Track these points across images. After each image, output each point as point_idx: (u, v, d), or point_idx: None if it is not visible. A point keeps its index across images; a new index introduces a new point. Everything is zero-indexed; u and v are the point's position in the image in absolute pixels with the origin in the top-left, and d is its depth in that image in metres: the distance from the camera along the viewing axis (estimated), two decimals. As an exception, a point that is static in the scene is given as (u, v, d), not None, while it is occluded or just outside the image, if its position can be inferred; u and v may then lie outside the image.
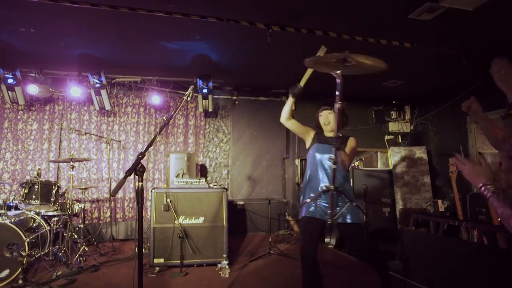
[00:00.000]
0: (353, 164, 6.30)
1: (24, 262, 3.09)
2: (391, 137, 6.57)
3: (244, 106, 5.97)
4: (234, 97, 5.79)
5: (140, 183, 1.54)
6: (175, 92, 5.46)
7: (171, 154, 4.25)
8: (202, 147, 5.66)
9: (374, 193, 5.34)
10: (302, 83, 2.53)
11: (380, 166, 6.23)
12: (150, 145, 1.63)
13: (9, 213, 3.50)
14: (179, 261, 3.52)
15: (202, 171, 5.59)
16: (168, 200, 3.57)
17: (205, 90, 5.05)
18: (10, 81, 4.44)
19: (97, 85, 4.73)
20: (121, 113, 5.37)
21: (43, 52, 4.25)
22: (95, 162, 5.17)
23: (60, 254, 3.68)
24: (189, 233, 3.63)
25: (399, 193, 5.52)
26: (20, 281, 3.05)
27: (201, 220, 3.69)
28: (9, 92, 4.58)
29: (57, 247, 3.81)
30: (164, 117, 5.35)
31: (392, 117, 6.57)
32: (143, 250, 4.13)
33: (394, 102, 6.60)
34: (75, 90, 4.81)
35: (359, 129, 6.34)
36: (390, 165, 5.85)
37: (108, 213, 5.13)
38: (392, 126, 6.55)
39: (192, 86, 2.11)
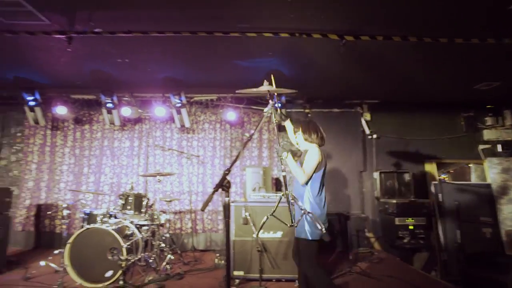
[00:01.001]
0: (440, 177, 5.71)
1: (123, 265, 3.43)
2: (487, 146, 5.78)
3: (317, 119, 5.85)
4: (307, 110, 5.74)
5: (227, 198, 1.60)
6: (248, 108, 5.65)
7: (247, 168, 4.36)
8: (277, 161, 5.70)
9: (469, 210, 4.73)
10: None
11: (474, 179, 5.51)
12: (235, 161, 1.69)
13: (110, 220, 3.95)
14: (258, 275, 3.54)
15: (277, 184, 5.61)
16: (247, 214, 3.65)
17: (277, 105, 5.10)
18: (109, 105, 5.11)
19: (178, 105, 5.14)
20: (199, 129, 5.73)
21: (133, 78, 4.80)
22: (177, 176, 5.58)
23: (151, 260, 4.01)
24: (268, 247, 3.64)
25: (504, 211, 4.78)
26: (121, 282, 3.39)
27: (279, 234, 3.68)
28: (108, 115, 5.26)
29: (147, 253, 4.16)
30: (246, 134, 5.54)
31: (487, 124, 5.79)
32: (222, 262, 4.30)
33: (489, 107, 5.83)
34: (159, 110, 5.30)
35: (445, 139, 5.73)
36: (488, 179, 5.14)
37: (189, 224, 5.45)
38: (488, 134, 5.75)
39: (272, 102, 2.14)
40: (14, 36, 3.38)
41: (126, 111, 5.25)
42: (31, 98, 5.07)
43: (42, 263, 4.14)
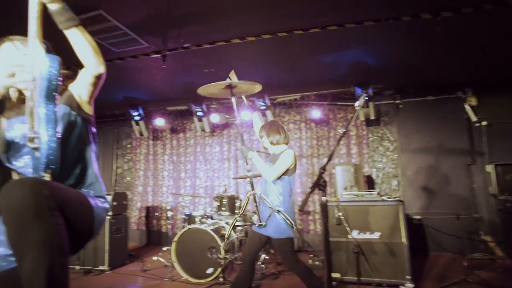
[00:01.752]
0: None
1: (222, 263, 3.63)
2: None
3: (410, 109, 5.34)
4: (397, 101, 5.28)
5: (324, 198, 1.53)
6: (333, 104, 5.45)
7: (337, 166, 4.20)
8: (367, 157, 5.37)
9: None
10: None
11: None
12: (330, 159, 1.62)
13: (207, 221, 4.23)
14: (355, 278, 3.35)
15: (369, 182, 5.28)
16: (340, 214, 3.51)
17: (365, 98, 4.82)
18: (199, 113, 5.51)
19: (263, 107, 5.25)
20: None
21: (220, 86, 5.07)
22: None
23: (245, 259, 4.15)
24: (364, 249, 3.43)
25: None
26: (221, 279, 3.62)
27: (376, 235, 3.43)
28: (199, 122, 5.67)
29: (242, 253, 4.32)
30: (340, 130, 5.38)
31: None
32: (317, 263, 4.21)
33: None
34: (245, 114, 5.49)
35: None
36: None
37: (280, 224, 5.49)
38: None
39: (364, 95, 2.00)
40: (122, 62, 3.89)
41: (215, 118, 5.59)
42: (136, 113, 5.80)
43: (155, 258, 4.68)
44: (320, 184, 1.53)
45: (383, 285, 3.38)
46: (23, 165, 1.30)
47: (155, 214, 6.19)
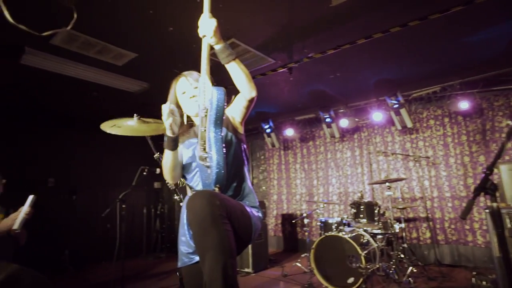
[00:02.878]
0: None
1: (364, 273, 3.46)
2: None
3: None
4: None
5: (495, 204, 1.28)
6: (486, 91, 4.55)
7: (501, 165, 3.45)
8: (544, 152, 4.24)
9: None
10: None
11: None
12: (498, 157, 1.34)
13: (345, 229, 4.12)
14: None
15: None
16: (512, 223, 2.86)
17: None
18: (327, 120, 5.48)
19: (396, 106, 4.82)
20: (423, 128, 5.12)
21: (346, 90, 4.94)
22: (405, 181, 5.17)
23: (390, 271, 3.83)
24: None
25: None
26: (363, 290, 3.43)
27: None
28: (327, 129, 5.64)
29: (385, 264, 4.01)
30: (508, 122, 4.48)
31: None
32: (484, 282, 3.52)
33: None
34: (377, 115, 5.16)
35: None
36: None
37: (428, 234, 4.87)
38: None
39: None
40: (253, 80, 4.26)
41: (344, 123, 5.45)
42: (267, 126, 6.21)
43: (295, 264, 4.84)
44: (487, 188, 1.28)
45: None
46: (193, 180, 1.57)
47: (293, 221, 6.41)
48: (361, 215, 4.12)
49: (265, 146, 7.02)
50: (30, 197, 2.44)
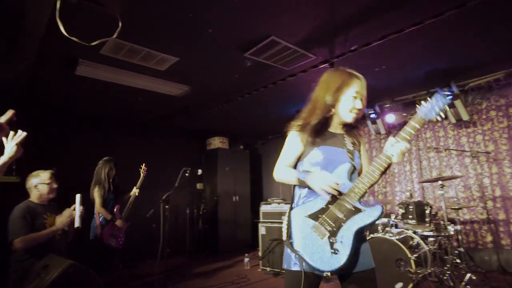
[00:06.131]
0: None
1: (414, 278, 3.24)
2: None
3: None
4: None
5: None
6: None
7: None
8: None
9: None
10: None
11: None
12: None
13: (392, 230, 3.90)
14: None
15: None
16: None
17: None
18: (372, 116, 5.23)
19: (450, 97, 4.45)
20: (482, 120, 4.67)
21: (392, 83, 4.66)
22: (461, 179, 4.76)
23: (444, 277, 3.56)
24: None
25: None
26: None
27: None
28: (372, 125, 5.38)
29: (439, 269, 3.73)
30: None
31: None
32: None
33: None
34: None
35: None
36: None
37: (489, 238, 4.44)
38: None
39: None
40: (293, 78, 4.18)
41: (390, 118, 5.16)
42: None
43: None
44: None
45: None
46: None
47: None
48: (410, 216, 3.87)
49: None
50: (78, 196, 2.61)
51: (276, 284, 4.28)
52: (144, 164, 4.30)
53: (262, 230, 5.07)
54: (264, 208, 5.20)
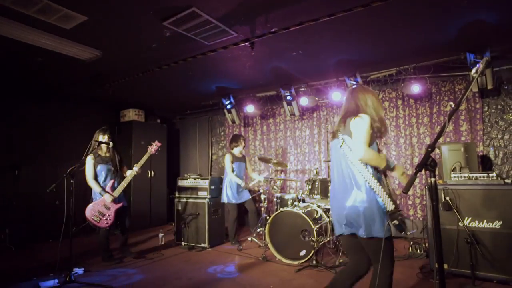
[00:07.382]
0: None
1: (315, 246, 3.64)
2: None
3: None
4: (525, 64, 4.37)
5: (433, 179, 1.38)
6: (436, 76, 4.83)
7: (442, 145, 3.74)
8: (481, 135, 4.63)
9: None
10: None
11: None
12: (439, 136, 1.43)
13: (299, 204, 4.27)
14: (467, 271, 2.98)
15: (485, 163, 4.57)
16: (448, 198, 3.13)
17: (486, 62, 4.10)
18: (288, 98, 5.52)
19: (354, 86, 4.95)
20: (379, 109, 5.35)
21: (308, 68, 4.97)
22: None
23: (339, 244, 4.08)
24: (481, 240, 3.01)
25: None
26: (314, 262, 3.65)
27: (497, 224, 2.97)
28: (288, 107, 5.69)
29: (335, 236, 4.25)
30: (451, 104, 4.78)
31: None
32: (418, 251, 3.88)
33: None
34: (335, 95, 5.29)
35: None
36: None
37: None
38: None
39: (485, 59, 1.70)
40: (214, 54, 4.13)
41: (304, 101, 5.53)
42: (228, 102, 6.13)
43: (249, 238, 4.96)
44: (427, 164, 1.38)
45: (509, 284, 2.92)
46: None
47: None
48: (315, 191, 4.29)
49: (225, 122, 6.96)
50: None
51: (189, 258, 4.33)
52: (156, 141, 4.32)
53: (178, 205, 5.03)
54: (180, 183, 5.14)
